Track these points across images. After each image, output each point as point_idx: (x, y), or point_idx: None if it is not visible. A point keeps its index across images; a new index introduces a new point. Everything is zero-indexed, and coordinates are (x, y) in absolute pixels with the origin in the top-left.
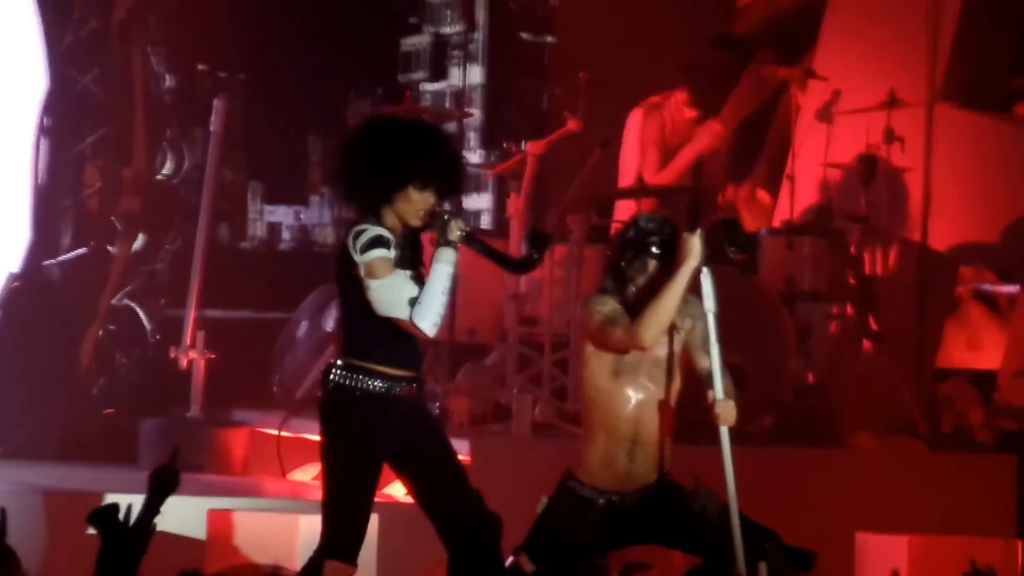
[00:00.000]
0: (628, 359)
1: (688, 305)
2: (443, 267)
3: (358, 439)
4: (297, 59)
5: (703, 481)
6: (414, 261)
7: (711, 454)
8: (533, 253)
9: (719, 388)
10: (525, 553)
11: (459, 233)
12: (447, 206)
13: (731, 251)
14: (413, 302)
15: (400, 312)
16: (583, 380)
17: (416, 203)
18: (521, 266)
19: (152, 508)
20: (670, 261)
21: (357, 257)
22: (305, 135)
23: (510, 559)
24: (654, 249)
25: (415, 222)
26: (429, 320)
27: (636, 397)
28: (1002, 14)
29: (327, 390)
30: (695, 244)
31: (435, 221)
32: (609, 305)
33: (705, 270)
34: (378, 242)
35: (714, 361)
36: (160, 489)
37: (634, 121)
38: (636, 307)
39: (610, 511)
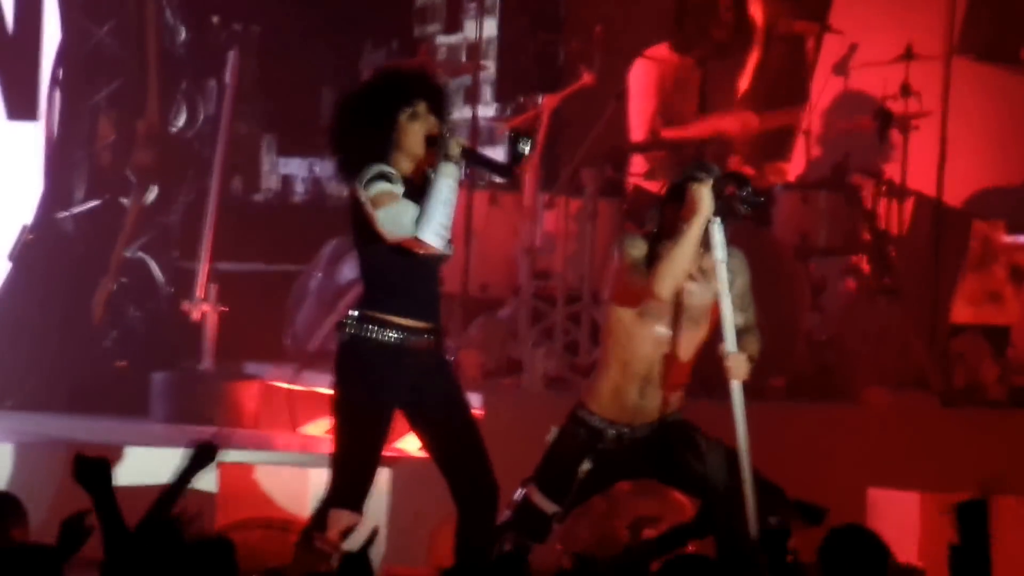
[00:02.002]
0: (654, 302)
1: (728, 259)
2: (445, 180)
3: (369, 389)
4: (311, 12)
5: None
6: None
7: (728, 409)
8: (517, 151)
9: (731, 341)
10: (534, 483)
11: (459, 148)
12: (445, 129)
13: (741, 207)
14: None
15: (406, 232)
16: (607, 311)
17: (415, 128)
18: (509, 169)
19: (185, 480)
20: (677, 203)
21: (362, 194)
22: (319, 88)
23: (520, 491)
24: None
25: (419, 150)
26: (431, 229)
27: (655, 338)
28: None
29: (341, 341)
30: (704, 195)
31: (436, 141)
32: (639, 249)
33: (716, 221)
34: (381, 176)
35: (725, 312)
36: (198, 463)
37: (635, 73)
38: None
39: (619, 442)
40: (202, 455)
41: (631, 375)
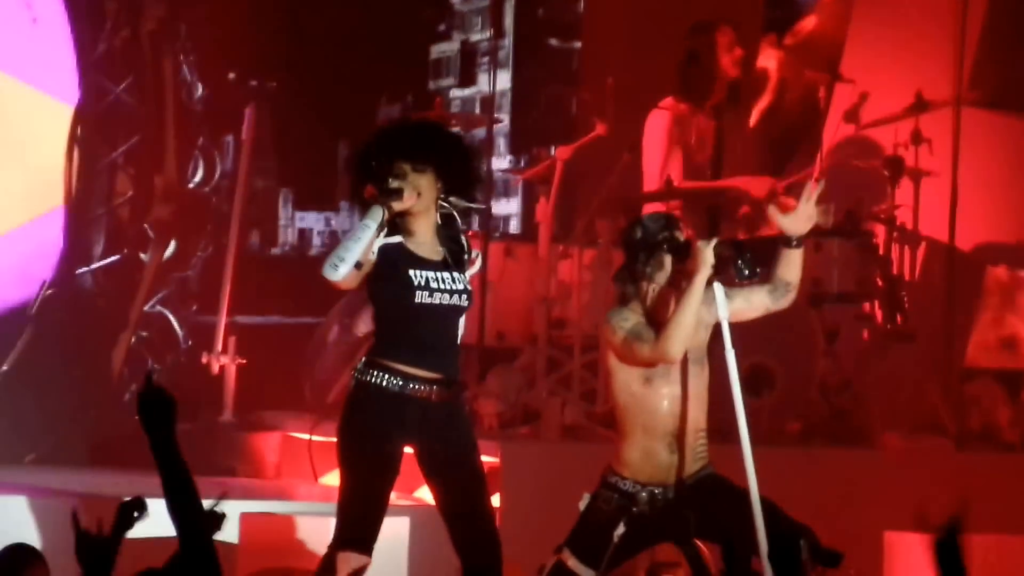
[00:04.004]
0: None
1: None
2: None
3: (368, 433)
4: (327, 66)
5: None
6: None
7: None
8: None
9: (738, 399)
10: (568, 549)
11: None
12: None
13: (736, 277)
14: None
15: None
16: (614, 389)
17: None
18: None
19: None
20: (682, 257)
21: None
22: (335, 142)
23: (553, 559)
24: (667, 246)
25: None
26: (327, 260)
27: (671, 395)
28: None
29: (350, 386)
30: (708, 254)
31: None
32: (631, 320)
33: (717, 282)
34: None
35: (731, 369)
36: (123, 523)
37: (650, 124)
38: (657, 309)
39: (653, 504)
40: (128, 512)
41: (657, 435)
